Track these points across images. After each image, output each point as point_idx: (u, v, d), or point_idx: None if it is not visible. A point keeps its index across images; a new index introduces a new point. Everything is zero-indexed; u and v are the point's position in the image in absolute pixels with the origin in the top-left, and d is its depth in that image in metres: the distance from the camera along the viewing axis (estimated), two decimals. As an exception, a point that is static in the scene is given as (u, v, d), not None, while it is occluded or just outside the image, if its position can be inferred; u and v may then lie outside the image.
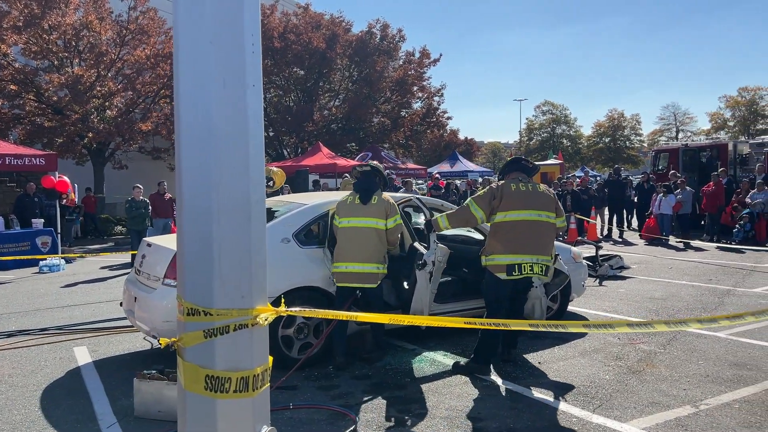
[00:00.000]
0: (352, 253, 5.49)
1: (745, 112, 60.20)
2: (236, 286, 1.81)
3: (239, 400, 1.82)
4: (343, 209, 5.66)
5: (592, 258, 10.55)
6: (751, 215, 14.72)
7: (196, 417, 1.81)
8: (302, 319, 5.56)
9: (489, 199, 5.39)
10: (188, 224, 1.80)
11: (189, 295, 1.81)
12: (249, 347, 1.84)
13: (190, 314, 1.80)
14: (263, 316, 1.85)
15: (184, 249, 1.81)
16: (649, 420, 4.26)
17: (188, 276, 1.82)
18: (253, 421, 1.85)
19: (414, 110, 32.69)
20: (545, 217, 5.39)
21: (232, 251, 1.80)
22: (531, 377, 5.25)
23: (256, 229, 1.85)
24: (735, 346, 6.07)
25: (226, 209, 1.78)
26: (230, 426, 1.81)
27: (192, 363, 1.79)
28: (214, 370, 1.78)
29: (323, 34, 28.25)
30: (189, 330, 1.81)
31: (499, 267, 5.28)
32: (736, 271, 10.93)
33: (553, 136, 70.85)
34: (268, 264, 5.45)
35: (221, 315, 1.79)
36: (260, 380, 1.88)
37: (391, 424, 4.29)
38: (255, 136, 1.84)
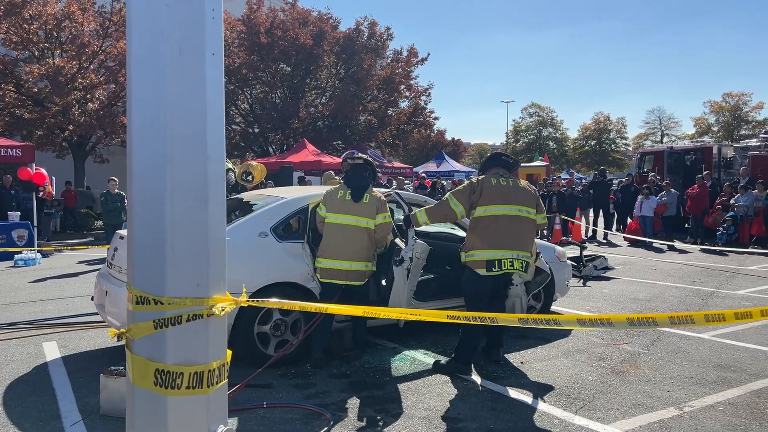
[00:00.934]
0: (340, 250, 5.33)
1: (729, 118, 60.71)
2: (191, 273, 1.66)
3: (193, 397, 1.66)
4: (332, 203, 5.48)
5: (576, 258, 10.48)
6: (735, 218, 14.76)
7: (144, 415, 1.66)
8: (279, 316, 5.40)
9: (468, 194, 5.26)
10: (139, 204, 1.65)
11: (138, 282, 1.65)
12: (204, 340, 1.69)
13: (139, 303, 1.64)
14: (220, 306, 1.70)
15: (133, 231, 1.66)
16: (633, 422, 4.15)
17: (138, 261, 1.66)
18: (208, 421, 1.69)
19: (401, 109, 32.54)
20: (525, 212, 5.27)
21: (186, 235, 1.64)
22: (513, 377, 5.13)
23: (214, 212, 1.70)
24: (719, 347, 5.99)
25: (180, 188, 1.63)
26: (182, 425, 1.65)
27: (141, 356, 1.64)
28: (165, 364, 1.63)
29: (310, 31, 28.02)
30: (138, 320, 1.65)
31: (479, 263, 5.15)
32: (720, 273, 10.91)
33: (540, 138, 71.06)
34: (244, 259, 5.32)
35: (173, 304, 1.63)
36: (216, 376, 1.73)
37: (368, 424, 4.14)
38: (214, 110, 1.69)
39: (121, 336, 1.70)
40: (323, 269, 5.38)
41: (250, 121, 30.17)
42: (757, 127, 52.64)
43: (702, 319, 3.36)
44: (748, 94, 60.62)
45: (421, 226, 5.65)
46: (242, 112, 30.59)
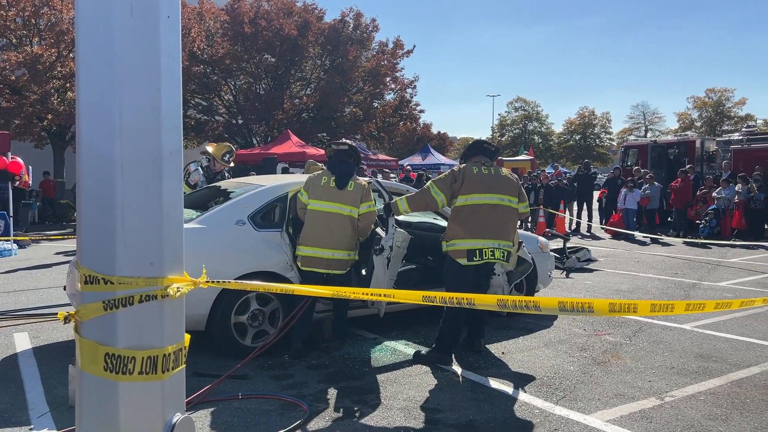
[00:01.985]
0: (322, 238, 5.19)
1: (711, 113, 61.24)
2: (143, 251, 1.55)
3: (146, 383, 1.56)
4: (314, 189, 5.32)
5: (560, 250, 10.45)
6: (717, 211, 14.84)
7: (93, 403, 1.55)
8: (257, 306, 5.29)
9: (450, 182, 5.17)
10: (87, 177, 1.53)
11: (87, 261, 1.54)
12: (158, 322, 1.58)
13: (88, 282, 1.53)
14: (175, 286, 1.59)
15: (82, 206, 1.55)
16: (614, 412, 4.10)
17: (86, 238, 1.55)
18: (163, 408, 1.59)
19: (386, 101, 32.36)
20: (507, 201, 5.20)
21: (139, 210, 1.53)
22: (494, 368, 5.06)
23: (169, 187, 1.59)
24: (701, 338, 5.98)
25: (131, 160, 1.52)
26: (135, 413, 1.55)
27: (90, 339, 1.53)
28: (116, 348, 1.52)
29: (295, 21, 27.75)
30: (87, 301, 1.54)
31: (460, 252, 5.07)
32: (702, 265, 10.94)
33: (525, 133, 71.28)
34: (220, 248, 5.20)
35: (124, 284, 1.52)
36: (172, 361, 1.62)
37: (345, 415, 4.05)
38: (170, 78, 1.58)
39: (69, 318, 1.59)
40: (304, 257, 5.25)
41: (234, 112, 29.86)
42: (739, 123, 53.13)
43: (682, 308, 3.32)
44: (731, 90, 61.20)
45: (402, 214, 5.55)
46: (226, 103, 30.26)
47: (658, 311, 2.90)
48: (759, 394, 4.45)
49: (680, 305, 3.20)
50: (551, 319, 6.69)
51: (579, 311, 2.68)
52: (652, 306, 2.82)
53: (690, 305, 3.18)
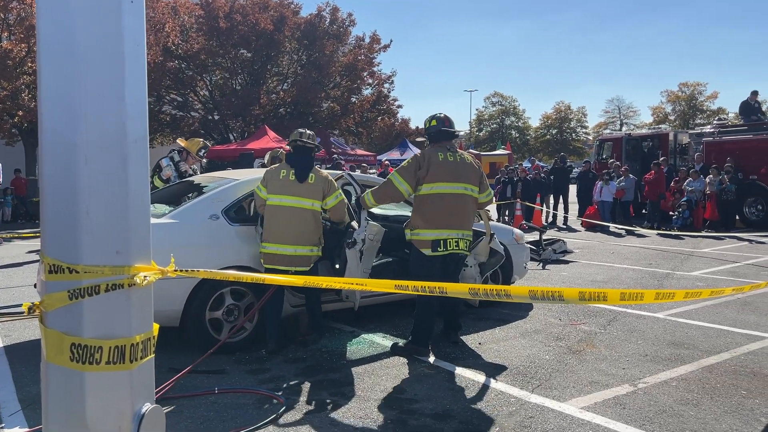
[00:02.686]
0: (283, 234, 5.10)
1: (685, 107, 62.24)
2: (109, 239, 1.53)
3: (114, 373, 1.54)
4: (274, 184, 5.20)
5: (536, 242, 10.54)
6: (689, 202, 15.07)
7: (60, 394, 1.53)
8: (231, 301, 5.25)
9: (414, 170, 5.09)
10: (50, 165, 1.51)
11: (51, 250, 1.52)
12: (126, 312, 1.57)
13: (53, 272, 1.51)
14: (143, 275, 1.57)
15: (45, 195, 1.52)
16: (588, 399, 4.15)
17: (50, 227, 1.52)
18: (132, 398, 1.57)
19: (364, 97, 32.32)
20: (470, 191, 5.19)
21: (103, 198, 1.51)
22: (470, 358, 5.09)
23: (135, 173, 1.57)
24: (673, 326, 6.08)
25: (95, 147, 1.49)
26: (102, 404, 1.53)
27: (55, 330, 1.51)
28: (82, 338, 1.50)
29: (271, 16, 27.58)
30: (51, 291, 1.52)
31: (424, 242, 5.05)
32: (675, 255, 11.11)
33: (502, 127, 71.80)
34: (194, 243, 5.14)
35: (90, 272, 1.50)
36: (140, 350, 1.60)
37: (322, 407, 4.05)
38: (134, 63, 1.55)
39: (34, 309, 1.57)
40: (267, 254, 5.15)
41: (210, 108, 29.61)
42: (712, 116, 54.07)
43: (652, 297, 3.37)
44: (703, 84, 62.30)
45: (370, 208, 5.49)
46: (201, 99, 29.98)
47: (628, 300, 2.93)
48: (729, 379, 4.53)
49: (650, 294, 3.25)
50: (527, 310, 6.75)
51: (549, 299, 2.71)
52: (622, 295, 2.85)
53: (659, 294, 3.22)
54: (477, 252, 5.80)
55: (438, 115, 5.41)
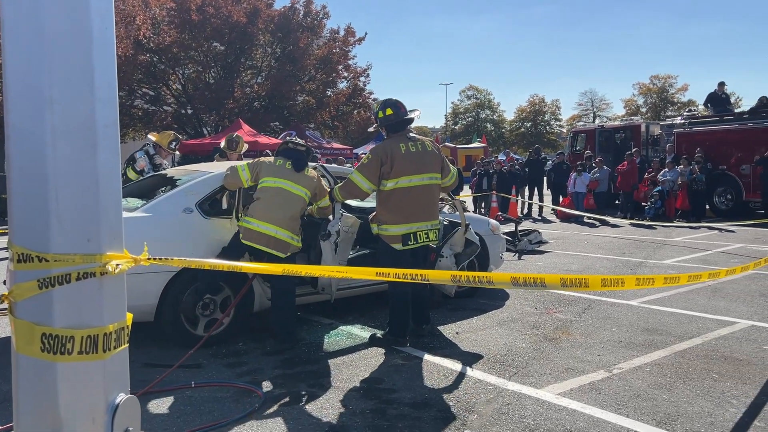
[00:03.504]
0: (270, 212, 5.00)
1: (656, 99, 63.14)
2: (79, 227, 1.49)
3: (86, 363, 1.50)
4: (268, 169, 5.18)
5: (511, 233, 10.63)
6: (662, 193, 15.31)
7: (31, 385, 1.49)
8: (207, 295, 5.20)
9: (377, 166, 4.96)
10: (16, 151, 1.46)
11: (19, 238, 1.48)
12: (98, 300, 1.53)
13: (21, 261, 1.47)
14: (115, 263, 1.54)
15: (12, 181, 1.48)
16: (564, 385, 4.20)
17: (18, 215, 1.48)
18: (105, 389, 1.54)
19: (340, 90, 32.20)
20: (435, 179, 5.14)
21: (72, 185, 1.47)
22: (448, 348, 5.12)
23: (105, 160, 1.53)
24: (646, 313, 6.17)
25: (63, 132, 1.45)
26: (75, 394, 1.50)
27: (25, 320, 1.47)
28: (53, 328, 1.46)
29: (244, 9, 27.30)
30: (20, 280, 1.48)
31: (394, 238, 4.99)
32: (648, 245, 11.29)
33: (478, 121, 72.16)
34: (167, 236, 5.07)
35: (60, 261, 1.47)
36: (114, 340, 1.57)
37: (300, 398, 4.03)
38: (103, 47, 1.51)
39: (2, 299, 1.53)
40: (247, 229, 5.01)
41: (183, 102, 29.24)
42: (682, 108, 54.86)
43: (632, 283, 3.41)
44: (674, 77, 63.27)
45: (339, 202, 5.41)
46: (174, 93, 29.59)
47: (609, 286, 2.95)
48: (701, 363, 4.62)
49: (630, 280, 3.29)
50: (504, 299, 6.81)
51: (531, 285, 2.71)
52: (603, 281, 2.86)
53: (640, 280, 3.26)
54: (453, 242, 5.82)
55: (390, 101, 5.20)
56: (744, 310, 6.23)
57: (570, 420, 3.63)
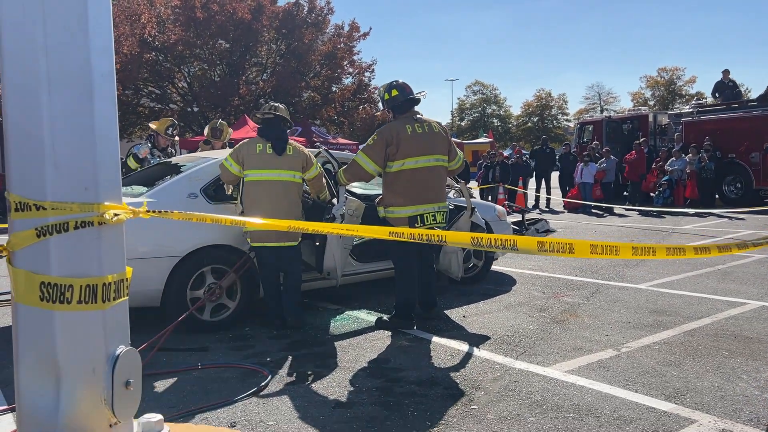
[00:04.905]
0: (268, 209, 4.97)
1: (664, 92, 62.82)
2: (76, 175, 1.49)
3: (86, 312, 1.50)
4: (250, 159, 5.05)
5: (518, 222, 10.56)
6: (670, 182, 15.22)
7: (30, 335, 1.49)
8: (213, 280, 5.19)
9: (383, 148, 4.89)
10: (12, 98, 1.46)
11: (16, 187, 1.47)
12: (96, 250, 1.52)
13: (19, 210, 1.46)
14: (113, 212, 1.53)
15: (8, 130, 1.47)
16: (572, 363, 4.17)
17: (15, 163, 1.48)
18: (105, 340, 1.54)
19: (345, 86, 32.15)
20: (442, 161, 5.07)
21: (69, 133, 1.47)
22: (455, 330, 5.09)
23: (102, 109, 1.52)
24: (655, 295, 6.13)
25: (59, 80, 1.45)
26: (74, 344, 1.49)
27: (23, 269, 1.46)
28: (51, 276, 1.46)
29: (248, 5, 27.27)
30: (18, 229, 1.47)
31: (401, 220, 4.93)
32: (657, 233, 11.21)
33: (484, 116, 72.00)
34: (173, 221, 5.06)
35: (57, 209, 1.46)
36: (113, 291, 1.56)
37: (306, 377, 4.02)
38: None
39: (1, 250, 1.52)
40: (254, 232, 5.03)
41: (189, 100, 29.29)
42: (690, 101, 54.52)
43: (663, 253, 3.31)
44: (682, 69, 62.92)
45: (345, 185, 5.38)
46: (180, 91, 29.65)
47: (640, 255, 2.83)
48: (710, 342, 4.58)
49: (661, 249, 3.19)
50: (510, 285, 6.78)
51: (559, 251, 2.60)
52: (634, 249, 2.77)
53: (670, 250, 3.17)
54: (458, 226, 5.80)
55: (395, 83, 5.12)
56: (754, 292, 6.18)
57: (578, 395, 3.60)
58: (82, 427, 1.49)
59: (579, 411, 3.38)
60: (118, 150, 1.61)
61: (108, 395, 1.52)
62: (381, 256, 6.23)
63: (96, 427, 1.52)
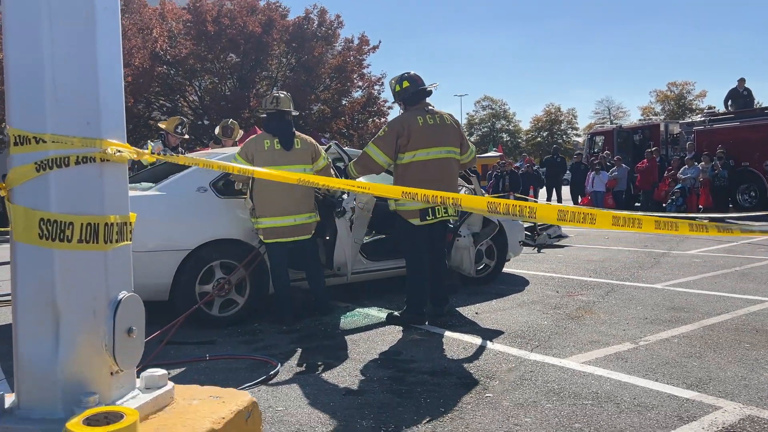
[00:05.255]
0: (281, 205, 4.95)
1: (674, 106, 62.58)
2: (77, 109, 1.43)
3: (86, 252, 1.43)
4: (260, 156, 5.00)
5: (530, 228, 10.47)
6: (683, 190, 15.06)
7: (28, 275, 1.42)
8: (221, 275, 5.13)
9: (394, 139, 4.80)
10: (12, 29, 1.40)
11: (16, 120, 1.41)
12: (98, 188, 1.46)
13: (18, 144, 1.40)
14: (115, 148, 1.47)
15: (9, 63, 1.42)
16: (589, 355, 4.05)
17: (14, 95, 1.42)
18: (107, 283, 1.46)
19: (354, 99, 32.21)
20: (453, 153, 4.96)
21: (70, 67, 1.41)
22: (467, 325, 4.99)
23: (105, 45, 1.47)
24: (672, 294, 6.00)
25: (60, 12, 1.39)
26: (74, 285, 1.42)
27: (22, 205, 1.40)
28: (51, 213, 1.39)
29: (259, 19, 27.48)
30: (17, 164, 1.41)
31: (412, 213, 4.83)
32: (670, 238, 11.05)
33: (493, 131, 71.99)
34: (181, 215, 5.02)
35: (58, 143, 1.40)
36: (116, 233, 1.50)
37: (316, 368, 3.93)
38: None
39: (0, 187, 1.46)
40: (266, 229, 5.00)
41: (200, 113, 29.45)
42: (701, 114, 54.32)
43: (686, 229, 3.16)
44: (692, 83, 62.71)
45: (355, 179, 5.30)
46: (191, 104, 29.84)
47: (663, 228, 2.73)
48: (731, 335, 4.45)
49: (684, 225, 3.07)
50: (523, 285, 6.67)
51: (580, 221, 2.50)
52: (657, 222, 2.67)
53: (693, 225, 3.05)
54: (470, 222, 5.71)
55: (407, 75, 5.06)
56: (774, 290, 6.03)
57: (596, 384, 3.49)
58: (82, 374, 1.41)
59: (598, 398, 3.27)
60: (122, 89, 1.55)
61: (109, 341, 1.44)
62: (391, 255, 6.14)
63: (97, 375, 1.44)
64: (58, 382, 1.39)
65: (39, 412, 1.38)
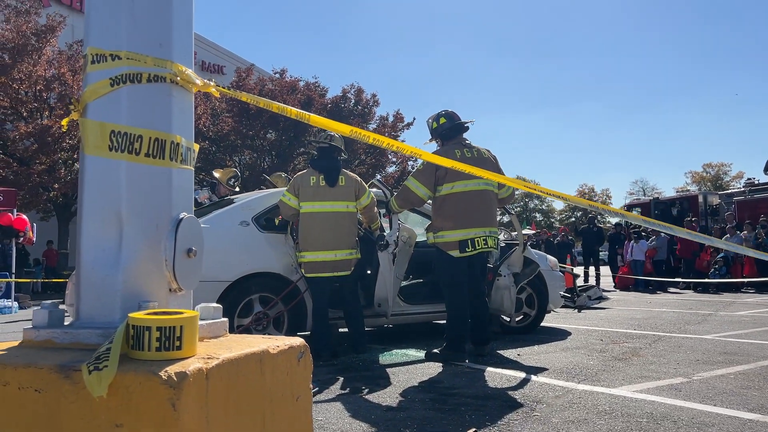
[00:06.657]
0: (323, 240, 5.00)
1: (710, 187, 61.91)
2: (152, 30, 1.50)
3: (153, 167, 1.46)
4: (305, 191, 5.10)
5: (570, 290, 10.25)
6: (726, 259, 14.67)
7: (96, 187, 1.45)
8: (260, 308, 5.12)
9: (433, 172, 4.85)
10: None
11: (94, 39, 1.49)
12: (167, 107, 1.51)
13: (95, 62, 1.47)
14: (187, 73, 1.53)
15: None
16: (640, 386, 3.87)
17: (93, 15, 1.50)
18: (170, 200, 1.49)
19: (389, 173, 32.80)
20: (491, 186, 4.97)
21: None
22: (509, 363, 4.83)
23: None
24: (724, 342, 5.74)
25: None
26: (139, 196, 1.44)
27: (95, 120, 1.45)
28: (121, 125, 1.44)
29: (299, 98, 28.60)
30: (92, 81, 1.47)
31: (451, 244, 4.81)
32: (716, 303, 10.69)
33: (526, 210, 71.97)
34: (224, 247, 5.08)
35: (132, 59, 1.46)
36: (181, 154, 1.54)
37: (355, 391, 3.83)
38: None
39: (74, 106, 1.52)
40: (308, 263, 5.05)
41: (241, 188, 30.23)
42: (739, 194, 53.57)
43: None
44: (728, 165, 62.27)
45: (397, 212, 5.32)
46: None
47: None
48: (792, 373, 4.21)
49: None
50: (566, 335, 6.47)
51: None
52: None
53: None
54: (510, 262, 5.65)
55: (443, 112, 5.19)
56: (833, 341, 5.73)
57: (650, 407, 3.32)
58: (141, 286, 1.42)
59: (653, 417, 3.10)
60: (192, 19, 1.63)
61: (170, 257, 1.45)
62: (429, 299, 6.07)
63: (156, 289, 1.44)
64: (119, 291, 1.39)
65: (99, 321, 1.38)
